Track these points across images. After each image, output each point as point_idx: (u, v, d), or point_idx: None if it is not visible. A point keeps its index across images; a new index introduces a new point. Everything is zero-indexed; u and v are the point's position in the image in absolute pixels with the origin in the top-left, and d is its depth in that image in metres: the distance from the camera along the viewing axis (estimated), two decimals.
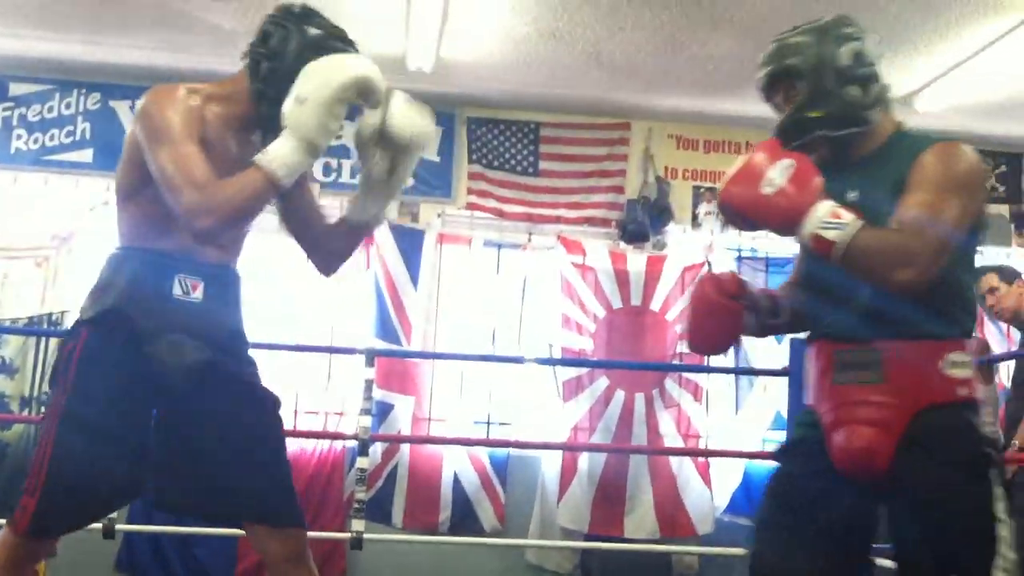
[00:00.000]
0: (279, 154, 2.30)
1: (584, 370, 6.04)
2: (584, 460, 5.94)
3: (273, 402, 2.55)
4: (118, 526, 4.74)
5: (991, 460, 2.18)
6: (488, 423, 6.14)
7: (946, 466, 2.13)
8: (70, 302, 5.66)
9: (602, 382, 5.97)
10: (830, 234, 2.10)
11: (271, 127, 2.37)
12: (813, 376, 2.32)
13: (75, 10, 5.34)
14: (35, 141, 6.07)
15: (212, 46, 5.67)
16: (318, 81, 2.31)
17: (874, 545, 2.32)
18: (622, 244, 6.32)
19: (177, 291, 2.41)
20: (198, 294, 2.43)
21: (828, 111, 2.29)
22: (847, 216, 2.11)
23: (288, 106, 2.31)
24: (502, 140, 6.43)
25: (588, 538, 5.81)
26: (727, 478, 6.03)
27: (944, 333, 2.22)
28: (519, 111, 6.44)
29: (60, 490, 2.35)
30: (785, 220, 2.15)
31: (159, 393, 2.39)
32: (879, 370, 2.20)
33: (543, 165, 6.43)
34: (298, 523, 2.50)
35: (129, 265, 2.41)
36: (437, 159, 6.35)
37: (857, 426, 2.19)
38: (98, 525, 4.64)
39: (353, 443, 5.48)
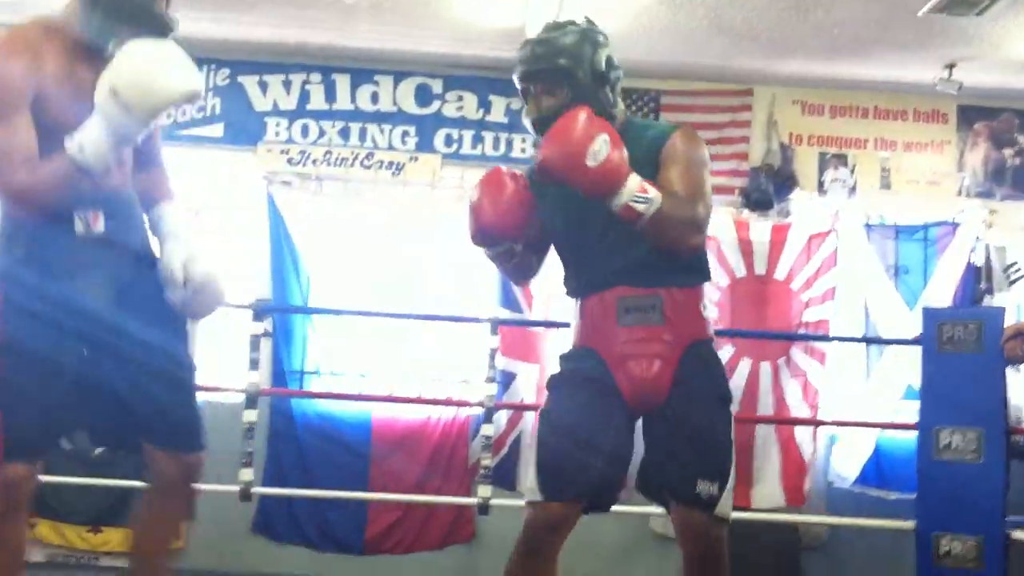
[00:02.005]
0: (87, 141, 2.35)
1: None
2: None
3: (178, 323, 2.65)
4: (253, 489, 4.90)
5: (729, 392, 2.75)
6: None
7: (709, 398, 2.65)
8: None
9: (727, 350, 5.91)
10: (639, 207, 2.48)
11: (102, 54, 2.41)
12: (593, 321, 2.70)
13: None
14: (168, 117, 6.25)
15: (336, 21, 5.77)
16: (141, 87, 2.33)
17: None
18: (745, 212, 6.24)
19: (79, 228, 2.47)
20: (99, 226, 2.49)
21: (593, 109, 2.57)
22: (652, 191, 2.49)
23: (102, 94, 2.33)
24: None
25: None
26: (857, 449, 5.93)
27: (697, 281, 2.70)
28: (640, 79, 6.38)
29: (15, 419, 2.44)
30: (602, 190, 2.49)
31: (76, 329, 2.46)
32: (659, 313, 2.63)
33: None
34: (191, 448, 2.60)
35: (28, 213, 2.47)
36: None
37: (647, 359, 2.63)
38: (235, 488, 4.81)
39: (478, 411, 5.57)
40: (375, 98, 6.37)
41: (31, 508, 5.70)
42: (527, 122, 2.78)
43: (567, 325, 6.09)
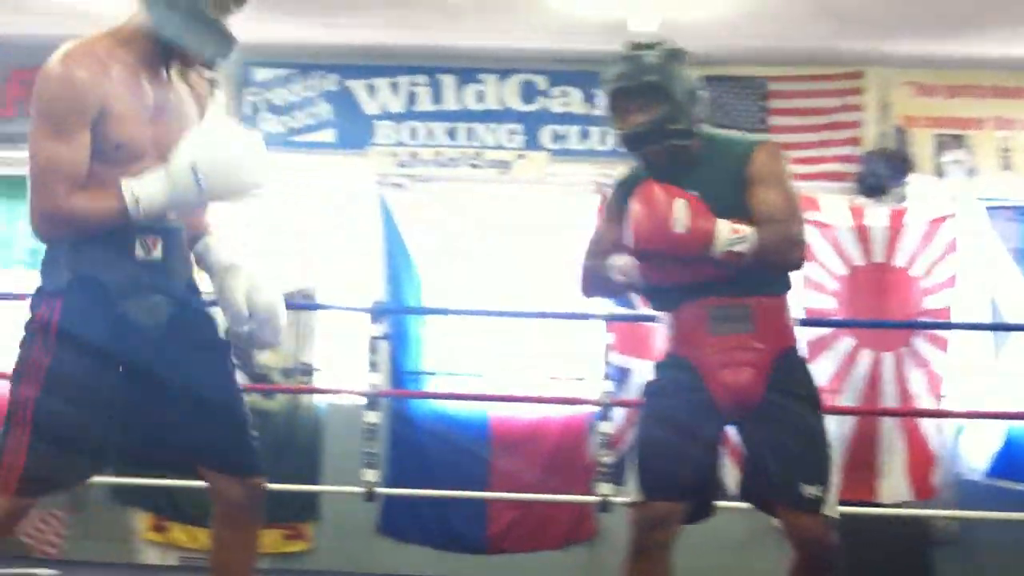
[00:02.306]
0: (145, 193, 2.38)
1: (828, 330, 5.89)
2: (831, 423, 5.79)
3: (225, 351, 2.64)
4: (377, 489, 4.97)
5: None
6: None
7: (801, 403, 2.76)
8: (320, 277, 5.92)
9: (847, 342, 5.80)
10: (737, 247, 2.64)
11: (172, 54, 2.47)
12: (684, 330, 2.82)
13: None
14: (281, 124, 6.38)
15: (441, 22, 5.81)
16: (222, 174, 2.40)
17: None
18: (861, 199, 6.11)
19: (140, 252, 2.48)
20: (158, 252, 2.50)
21: (683, 125, 2.82)
22: (744, 229, 2.65)
23: (180, 166, 2.37)
24: (728, 98, 6.31)
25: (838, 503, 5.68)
26: (986, 440, 5.77)
27: (784, 291, 2.84)
28: (745, 67, 6.30)
29: (44, 452, 2.41)
30: (699, 248, 2.66)
31: (129, 351, 2.46)
32: (749, 322, 2.74)
33: (772, 121, 6.28)
34: (252, 471, 2.59)
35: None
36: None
37: (738, 367, 2.74)
38: (359, 489, 4.89)
39: (594, 408, 5.57)
40: (481, 97, 6.40)
41: (166, 513, 5.87)
42: (617, 137, 2.92)
43: None
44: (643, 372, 5.91)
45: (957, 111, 6.21)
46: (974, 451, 5.80)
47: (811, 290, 5.94)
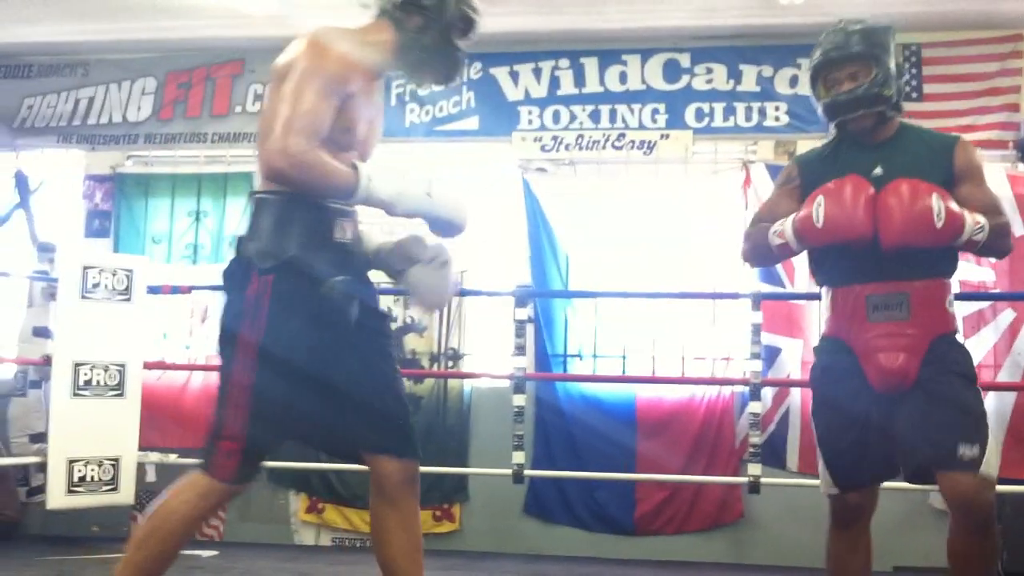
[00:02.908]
0: (379, 180, 2.49)
1: (986, 304, 5.67)
2: (991, 399, 5.58)
3: (391, 337, 2.73)
4: (525, 471, 5.03)
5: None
6: None
7: (954, 375, 2.82)
8: (467, 263, 6.00)
9: (1007, 315, 5.57)
10: (978, 236, 2.78)
11: (414, 73, 2.67)
12: (843, 314, 2.91)
13: None
14: (426, 113, 6.48)
15: (582, 4, 5.81)
16: (451, 210, 2.59)
17: None
18: (1021, 166, 5.86)
19: (338, 235, 2.56)
20: (350, 235, 2.60)
21: (892, 93, 2.93)
22: (981, 219, 2.79)
23: (422, 187, 2.53)
24: None
25: (1000, 482, 5.48)
26: None
27: (945, 274, 2.93)
28: (899, 33, 6.00)
29: (262, 433, 2.46)
30: (951, 239, 2.78)
31: (329, 332, 2.50)
32: (906, 309, 2.84)
33: (928, 88, 6.07)
34: (413, 454, 2.63)
35: (300, 212, 2.52)
36: (811, 93, 6.15)
37: (894, 352, 2.82)
38: (508, 471, 4.96)
39: (742, 389, 5.50)
40: (623, 78, 6.37)
41: (321, 495, 6.01)
42: (819, 106, 3.05)
43: None
44: (792, 351, 5.86)
45: None
46: None
47: (969, 262, 5.73)
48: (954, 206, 2.76)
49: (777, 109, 6.19)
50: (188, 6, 5.93)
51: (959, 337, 2.96)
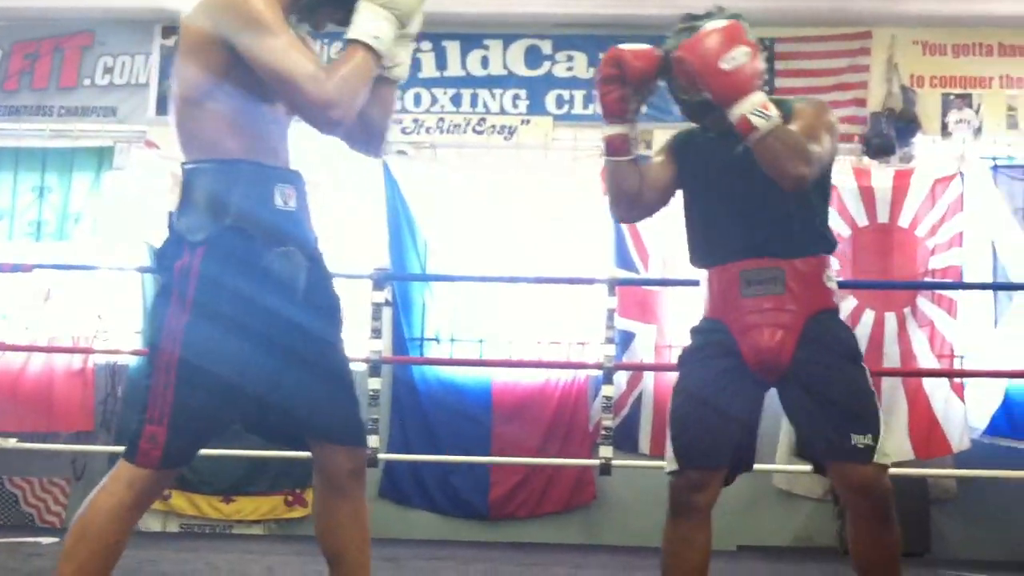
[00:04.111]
0: (374, 27, 2.28)
1: None
2: None
3: (339, 310, 2.50)
4: (380, 455, 5.00)
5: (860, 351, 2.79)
6: None
7: (837, 357, 2.70)
8: (324, 244, 5.91)
9: (849, 302, 5.77)
10: (756, 120, 2.53)
11: (312, 13, 2.39)
12: (719, 293, 2.81)
13: None
14: None
15: None
16: None
17: None
18: (866, 159, 6.07)
19: (279, 202, 2.36)
20: (293, 202, 2.38)
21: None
22: (773, 110, 2.55)
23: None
24: None
25: None
26: (986, 398, 5.74)
27: (821, 251, 2.78)
28: (752, 27, 6.20)
29: (190, 415, 2.29)
30: (727, 95, 2.56)
31: (270, 306, 2.33)
32: (781, 284, 2.71)
33: (779, 83, 6.24)
34: (363, 442, 2.52)
35: (235, 179, 2.34)
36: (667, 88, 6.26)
37: (768, 328, 2.70)
38: None
39: (597, 373, 5.57)
40: (485, 62, 6.38)
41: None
42: (681, 106, 2.86)
43: (685, 283, 6.06)
44: (646, 337, 5.96)
45: (963, 70, 6.17)
46: (975, 410, 5.76)
47: None
48: (755, 73, 2.57)
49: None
50: None
51: (840, 315, 2.85)
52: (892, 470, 2.72)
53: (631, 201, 2.93)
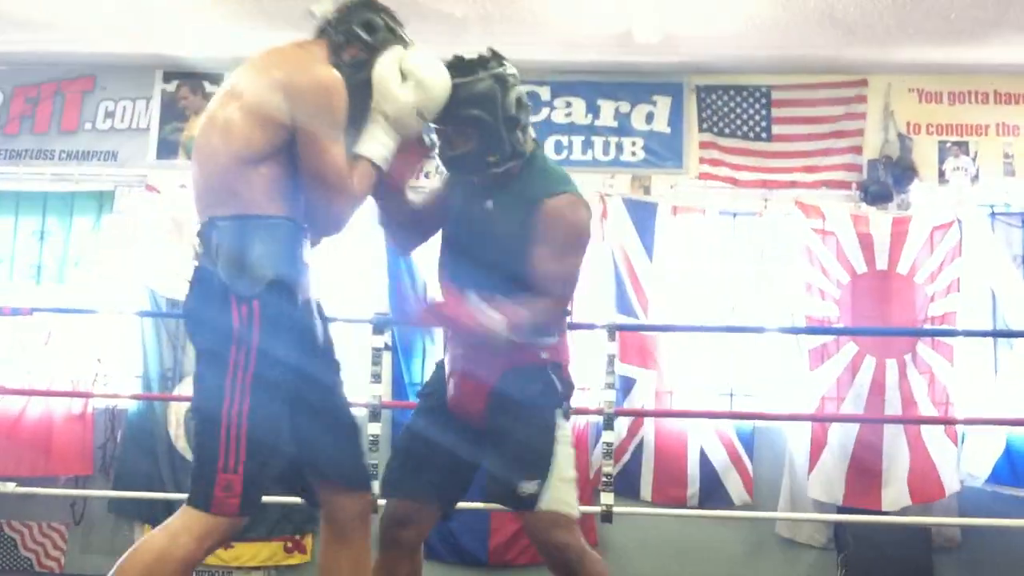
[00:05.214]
0: (380, 141, 2.55)
1: (830, 338, 5.88)
2: (835, 430, 5.78)
3: (337, 364, 2.67)
4: (380, 501, 4.95)
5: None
6: (731, 395, 6.06)
7: (519, 406, 2.78)
8: (323, 289, 5.90)
9: (850, 349, 5.79)
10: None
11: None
12: (444, 333, 2.98)
13: None
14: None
15: (446, 34, 5.79)
16: (430, 89, 2.59)
17: None
18: (864, 206, 6.09)
19: (307, 256, 2.53)
20: (310, 257, 2.55)
21: (501, 155, 2.80)
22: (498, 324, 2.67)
23: (395, 103, 2.54)
24: (732, 106, 6.32)
25: (842, 510, 5.66)
26: (987, 447, 5.73)
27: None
28: (749, 75, 6.31)
29: (261, 461, 2.36)
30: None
31: (309, 356, 2.49)
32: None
33: (776, 129, 6.28)
34: (368, 487, 2.66)
35: (280, 234, 2.46)
36: (667, 130, 6.31)
37: (466, 375, 2.83)
38: None
39: (597, 418, 5.55)
40: None
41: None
42: (441, 158, 2.89)
43: (685, 329, 6.05)
44: (647, 382, 5.95)
45: (960, 117, 6.20)
46: (976, 459, 5.75)
47: (814, 297, 5.94)
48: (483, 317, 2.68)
49: (634, 144, 6.31)
50: (38, 19, 5.72)
51: (546, 369, 2.88)
52: (896, 518, 2.71)
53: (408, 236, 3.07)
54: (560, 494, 2.75)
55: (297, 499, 2.73)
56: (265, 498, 2.49)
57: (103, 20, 5.75)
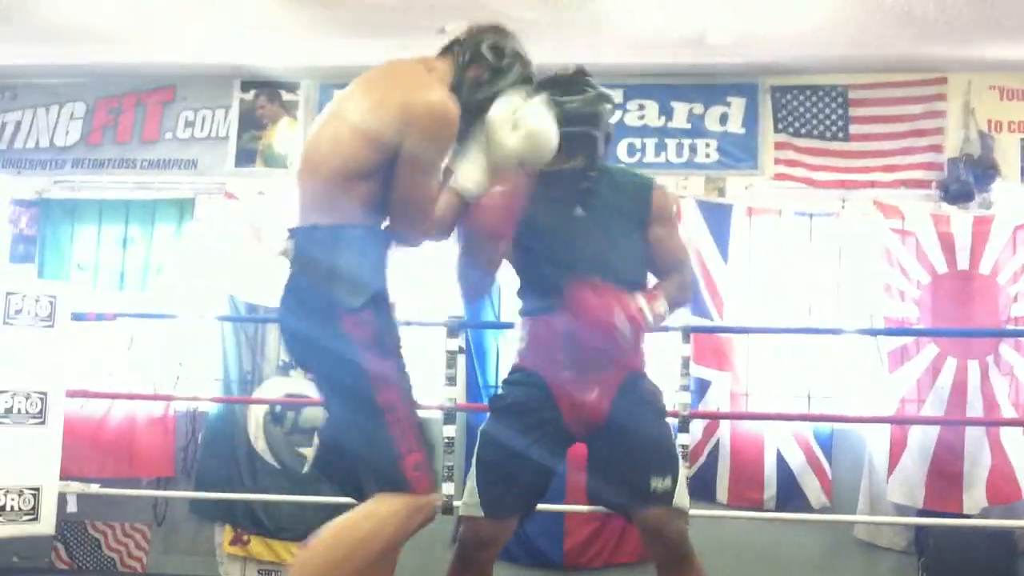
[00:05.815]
0: (476, 183, 2.61)
1: (910, 339, 5.79)
2: (915, 433, 5.68)
3: None
4: (455, 502, 4.99)
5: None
6: (809, 398, 5.99)
7: (644, 407, 2.87)
8: (398, 292, 5.96)
9: (931, 350, 5.69)
10: (662, 324, 2.88)
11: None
12: (538, 346, 2.89)
13: None
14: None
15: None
16: (538, 145, 2.60)
17: None
18: (944, 206, 5.99)
19: (390, 266, 2.62)
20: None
21: (597, 170, 2.91)
22: (661, 306, 2.79)
23: (501, 128, 2.56)
24: (809, 107, 6.26)
25: (922, 513, 5.57)
26: None
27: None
28: (826, 75, 6.24)
29: (425, 439, 2.54)
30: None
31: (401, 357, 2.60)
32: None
33: (854, 129, 6.20)
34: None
35: (377, 245, 2.56)
36: (742, 131, 6.26)
37: (588, 385, 2.82)
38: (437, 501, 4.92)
39: (673, 420, 5.52)
40: None
41: (245, 527, 5.93)
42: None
43: (760, 331, 6.01)
44: (722, 384, 5.91)
45: None
46: None
47: (893, 298, 5.85)
48: (647, 309, 2.75)
49: (707, 146, 6.27)
50: (119, 32, 5.86)
51: (647, 374, 3.01)
52: (979, 521, 2.71)
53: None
54: (682, 488, 2.82)
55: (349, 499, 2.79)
56: (339, 499, 2.61)
57: (182, 33, 5.87)
